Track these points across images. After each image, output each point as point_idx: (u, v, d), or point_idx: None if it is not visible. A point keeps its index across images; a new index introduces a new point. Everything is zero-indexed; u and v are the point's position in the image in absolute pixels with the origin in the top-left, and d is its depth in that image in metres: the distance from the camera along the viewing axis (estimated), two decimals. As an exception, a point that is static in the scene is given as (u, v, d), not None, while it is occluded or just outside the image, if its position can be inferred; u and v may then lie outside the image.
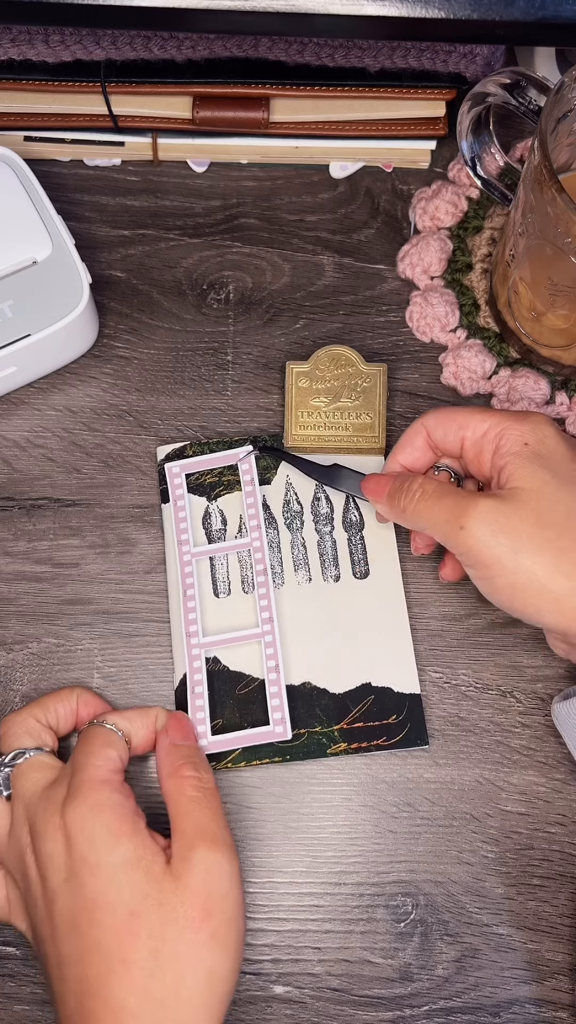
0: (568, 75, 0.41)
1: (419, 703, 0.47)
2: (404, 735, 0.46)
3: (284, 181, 0.55)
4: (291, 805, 0.47)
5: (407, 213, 0.55)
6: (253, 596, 0.48)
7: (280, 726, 0.46)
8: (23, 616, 0.49)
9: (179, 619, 0.48)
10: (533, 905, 0.46)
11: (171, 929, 0.37)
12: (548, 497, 0.39)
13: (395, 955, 0.46)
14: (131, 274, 0.54)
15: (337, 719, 0.47)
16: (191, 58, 0.50)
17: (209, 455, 0.50)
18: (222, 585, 0.48)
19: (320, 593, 0.49)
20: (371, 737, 0.46)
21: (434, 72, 0.51)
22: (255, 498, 0.49)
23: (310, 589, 0.49)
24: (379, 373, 0.51)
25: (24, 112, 0.52)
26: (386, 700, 0.47)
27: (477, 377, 0.51)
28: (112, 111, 0.52)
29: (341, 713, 0.47)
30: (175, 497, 0.49)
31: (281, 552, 0.49)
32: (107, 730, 0.43)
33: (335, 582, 0.49)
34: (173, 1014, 0.36)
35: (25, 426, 0.51)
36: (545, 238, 0.42)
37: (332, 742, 0.47)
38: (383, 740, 0.46)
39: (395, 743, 0.46)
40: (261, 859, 0.46)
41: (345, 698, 0.47)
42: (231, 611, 0.48)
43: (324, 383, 0.50)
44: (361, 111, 0.53)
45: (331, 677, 0.47)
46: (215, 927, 0.37)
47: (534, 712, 0.48)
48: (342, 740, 0.47)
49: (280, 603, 0.48)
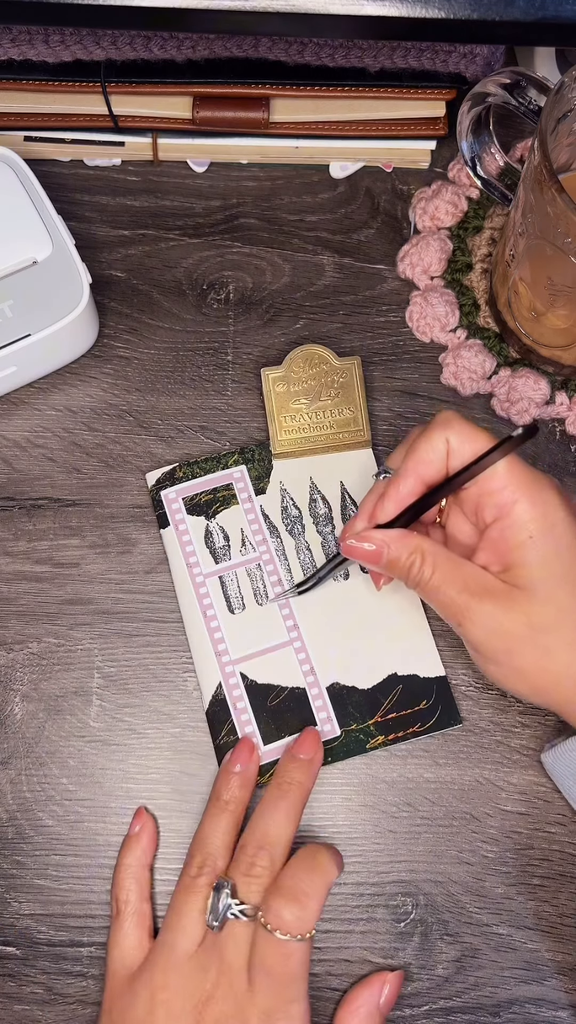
0: (568, 75, 0.41)
1: (446, 685, 0.48)
2: (437, 718, 0.47)
3: (284, 181, 0.55)
4: (291, 805, 0.47)
5: (407, 213, 0.55)
6: (268, 607, 0.48)
7: (327, 724, 0.47)
8: (23, 616, 0.49)
9: (204, 640, 0.48)
10: (533, 905, 0.46)
11: None
12: (541, 598, 0.40)
13: (395, 955, 0.46)
14: (131, 274, 0.54)
15: (371, 714, 0.47)
16: (191, 58, 0.50)
17: (204, 477, 0.50)
18: (236, 601, 0.49)
19: (332, 593, 0.49)
20: (406, 726, 0.47)
21: (434, 72, 0.51)
22: (255, 513, 0.49)
23: (322, 591, 0.49)
24: (353, 367, 0.51)
25: (24, 112, 0.52)
26: (414, 687, 0.47)
27: (477, 377, 0.51)
28: (112, 111, 0.52)
29: (373, 707, 0.47)
30: (176, 522, 0.49)
31: (288, 559, 0.49)
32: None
33: (344, 580, 0.49)
34: None
35: (25, 426, 0.51)
36: (545, 238, 0.42)
37: (369, 737, 0.47)
38: (418, 727, 0.47)
39: (430, 727, 0.47)
40: (261, 859, 0.46)
41: (375, 692, 0.47)
42: (249, 625, 0.48)
43: (301, 384, 0.50)
44: (361, 111, 0.53)
45: (357, 674, 0.47)
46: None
47: (534, 712, 0.48)
48: (379, 733, 0.47)
49: (296, 609, 0.48)
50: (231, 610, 0.48)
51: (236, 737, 0.46)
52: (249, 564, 0.49)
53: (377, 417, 0.52)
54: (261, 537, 0.49)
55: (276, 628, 0.48)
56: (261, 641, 0.48)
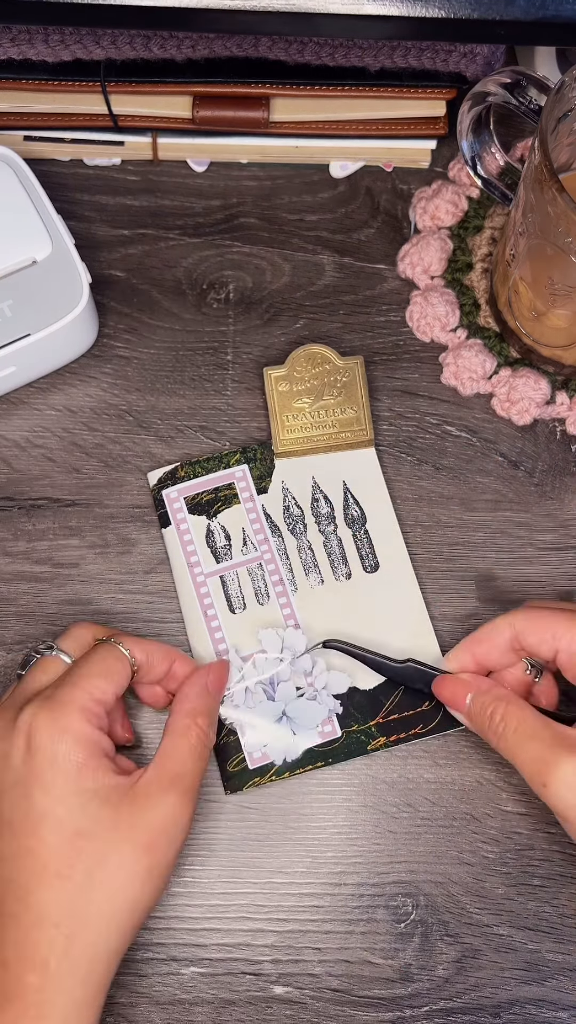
0: (568, 75, 0.41)
1: None
2: (439, 720, 0.46)
3: (284, 181, 0.55)
4: (291, 805, 0.47)
5: (407, 213, 0.55)
6: (269, 607, 0.48)
7: (328, 725, 0.47)
8: (23, 616, 0.49)
9: (204, 640, 0.48)
10: (533, 906, 0.46)
11: (114, 855, 0.38)
12: None
13: (395, 955, 0.46)
14: (131, 274, 0.54)
15: (372, 715, 0.47)
16: (191, 58, 0.50)
17: (206, 476, 0.50)
18: (236, 600, 0.48)
19: (334, 593, 0.49)
20: (408, 728, 0.47)
21: (434, 72, 0.51)
22: (257, 512, 0.49)
23: (323, 590, 0.48)
24: (356, 366, 0.51)
25: (24, 112, 0.52)
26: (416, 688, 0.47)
27: (477, 377, 0.51)
28: (112, 111, 0.52)
29: (375, 708, 0.47)
30: (177, 521, 0.49)
31: (289, 558, 0.49)
32: (118, 653, 0.42)
33: (347, 580, 0.49)
34: (91, 931, 0.37)
35: (25, 426, 0.51)
36: (545, 238, 0.42)
37: (370, 738, 0.47)
38: (420, 728, 0.47)
39: (431, 729, 0.47)
40: (261, 859, 0.46)
41: (376, 693, 0.47)
42: (251, 625, 0.48)
43: (303, 384, 0.50)
44: (361, 111, 0.53)
45: (359, 674, 0.47)
46: (154, 863, 0.39)
47: (534, 712, 0.48)
48: (380, 735, 0.47)
49: (297, 608, 0.48)
50: (232, 610, 0.48)
51: (236, 737, 0.46)
52: (250, 563, 0.49)
53: (377, 417, 0.51)
54: (263, 536, 0.49)
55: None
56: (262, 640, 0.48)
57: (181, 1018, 0.45)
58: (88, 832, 0.38)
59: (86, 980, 0.36)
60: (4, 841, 0.38)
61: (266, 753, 0.46)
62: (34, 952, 0.36)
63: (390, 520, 0.49)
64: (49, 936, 0.36)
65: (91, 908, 0.37)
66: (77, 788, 0.38)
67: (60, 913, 0.37)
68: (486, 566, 0.50)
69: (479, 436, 0.52)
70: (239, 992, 0.45)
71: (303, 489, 0.50)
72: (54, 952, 0.36)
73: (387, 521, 0.49)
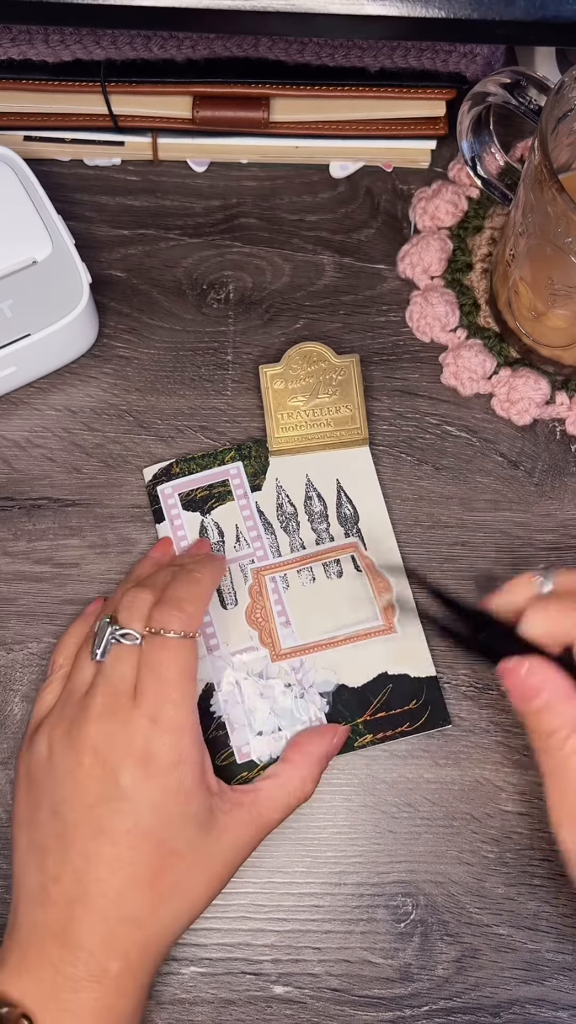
0: (568, 75, 0.41)
1: (436, 685, 0.47)
2: (426, 718, 0.47)
3: (284, 181, 0.55)
4: (291, 805, 0.47)
5: (407, 213, 0.55)
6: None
7: (317, 721, 0.47)
8: (23, 616, 0.49)
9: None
10: (533, 905, 0.46)
11: (194, 875, 0.41)
12: None
13: (395, 955, 0.46)
14: (131, 274, 0.54)
15: (360, 712, 0.47)
16: (191, 58, 0.50)
17: (200, 473, 0.50)
18: (229, 596, 0.49)
19: (324, 590, 0.49)
20: (395, 725, 0.47)
21: (434, 72, 0.51)
22: (251, 509, 0.49)
23: (315, 588, 0.49)
24: (352, 364, 0.51)
25: (24, 112, 0.52)
26: (404, 686, 0.47)
27: (477, 377, 0.51)
28: (112, 111, 0.52)
29: (363, 706, 0.47)
30: (171, 517, 0.49)
31: (281, 556, 0.49)
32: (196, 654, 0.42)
33: (338, 578, 0.49)
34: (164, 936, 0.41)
35: (25, 426, 0.51)
36: (545, 238, 0.42)
37: (358, 735, 0.47)
38: (407, 726, 0.47)
39: (419, 727, 0.47)
40: (261, 859, 0.46)
41: (365, 690, 0.47)
42: (241, 621, 0.48)
43: (299, 382, 0.50)
44: (361, 111, 0.53)
45: (348, 672, 0.47)
46: (217, 889, 0.42)
47: (534, 712, 0.48)
48: (367, 732, 0.47)
49: (288, 604, 0.48)
50: (224, 605, 0.48)
51: (225, 732, 0.47)
52: (243, 560, 0.49)
53: (377, 417, 0.51)
54: (256, 533, 0.49)
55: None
56: (253, 636, 0.48)
57: (181, 1018, 0.45)
58: (180, 852, 0.41)
59: (151, 973, 0.41)
60: (103, 846, 0.40)
61: (253, 749, 0.46)
62: (116, 944, 0.40)
63: (383, 519, 0.50)
64: (132, 934, 0.40)
65: (168, 917, 0.41)
66: (183, 812, 0.41)
67: (144, 917, 0.40)
68: (486, 566, 0.50)
69: (479, 436, 0.52)
70: (239, 992, 0.45)
71: (297, 487, 0.50)
72: (135, 946, 0.40)
73: (380, 520, 0.50)
